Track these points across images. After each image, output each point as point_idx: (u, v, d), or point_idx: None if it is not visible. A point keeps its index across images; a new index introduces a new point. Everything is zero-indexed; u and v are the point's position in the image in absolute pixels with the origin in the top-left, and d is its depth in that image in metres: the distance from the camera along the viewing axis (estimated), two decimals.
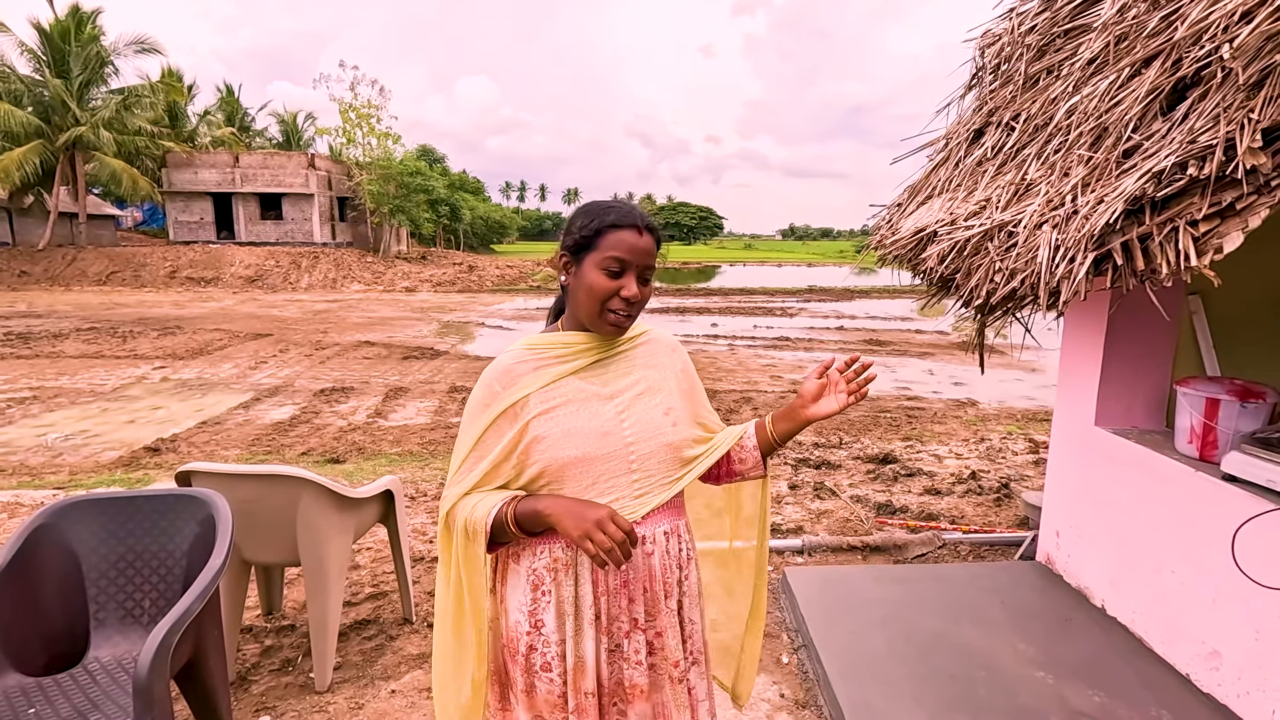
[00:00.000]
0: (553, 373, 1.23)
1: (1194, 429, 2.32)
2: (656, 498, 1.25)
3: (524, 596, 1.24)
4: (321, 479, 2.23)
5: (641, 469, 1.25)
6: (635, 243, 1.19)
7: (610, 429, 1.23)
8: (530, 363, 1.24)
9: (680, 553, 1.32)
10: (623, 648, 1.25)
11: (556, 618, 1.22)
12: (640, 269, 1.20)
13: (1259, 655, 2.01)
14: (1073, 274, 1.86)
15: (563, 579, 1.22)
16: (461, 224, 40.19)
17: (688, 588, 1.34)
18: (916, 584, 2.96)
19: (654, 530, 1.26)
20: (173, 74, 29.18)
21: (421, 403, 7.93)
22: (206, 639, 1.80)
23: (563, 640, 1.22)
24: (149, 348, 11.37)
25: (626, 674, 1.26)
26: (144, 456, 5.85)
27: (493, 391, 1.22)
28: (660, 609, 1.27)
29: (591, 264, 1.19)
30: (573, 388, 1.24)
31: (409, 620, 2.79)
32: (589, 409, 1.23)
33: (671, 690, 1.29)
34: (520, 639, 1.24)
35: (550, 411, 1.21)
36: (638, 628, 1.26)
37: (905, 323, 16.52)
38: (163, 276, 23.35)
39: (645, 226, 1.21)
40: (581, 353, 1.26)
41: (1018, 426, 6.91)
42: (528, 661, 1.23)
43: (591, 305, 1.20)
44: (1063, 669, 2.36)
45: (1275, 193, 1.51)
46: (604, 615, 1.23)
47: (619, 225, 1.19)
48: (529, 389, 1.22)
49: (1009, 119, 2.72)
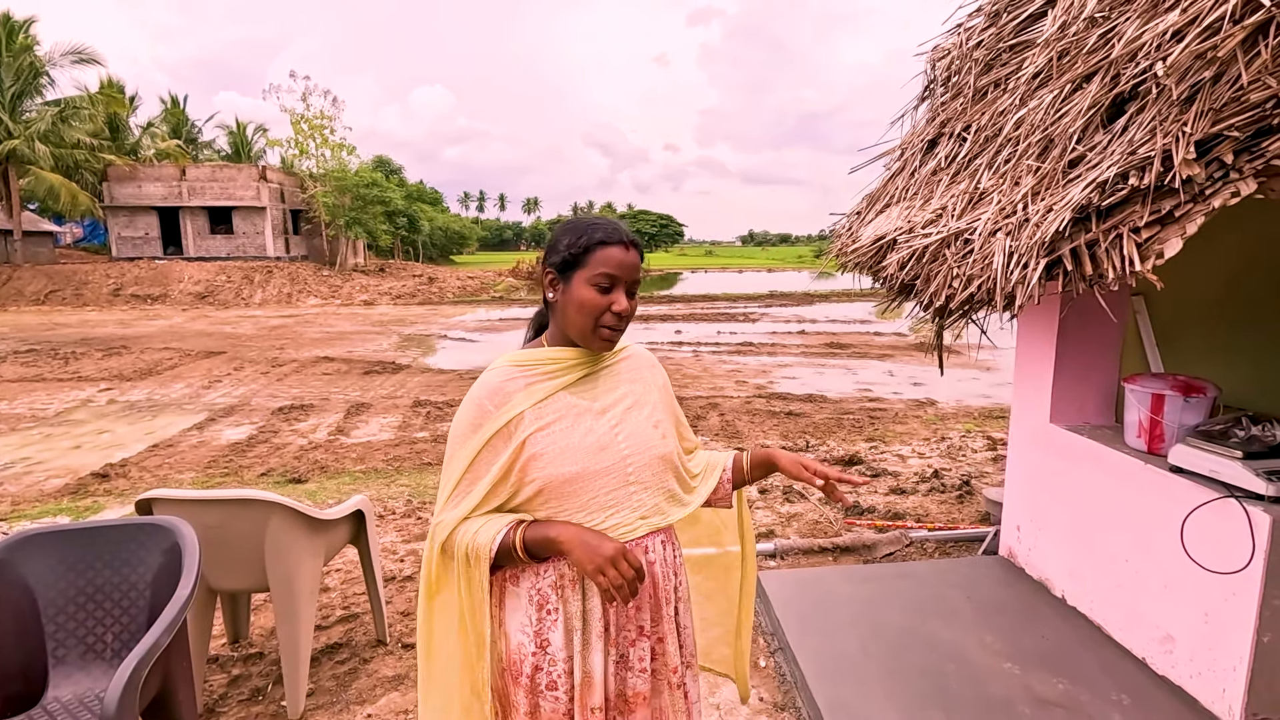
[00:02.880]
0: (544, 389, 1.23)
1: (1142, 424, 2.43)
2: (657, 520, 1.28)
3: (526, 617, 1.23)
4: (290, 502, 2.19)
5: (638, 481, 1.26)
6: (623, 258, 1.21)
7: (606, 443, 1.24)
8: (520, 380, 1.23)
9: (675, 559, 1.35)
10: (628, 656, 1.27)
11: (564, 634, 1.22)
12: (628, 283, 1.23)
13: (1209, 637, 2.12)
14: (1027, 279, 1.95)
15: (569, 595, 1.22)
16: (420, 235, 39.68)
17: (682, 593, 1.37)
18: (886, 582, 3.03)
19: (653, 540, 1.28)
20: (113, 85, 28.16)
21: (385, 418, 7.79)
22: (175, 671, 1.74)
23: (570, 657, 1.22)
24: (93, 369, 10.92)
25: (630, 682, 1.27)
26: (92, 483, 5.61)
27: (484, 411, 1.21)
28: (662, 615, 1.30)
29: (581, 281, 1.21)
30: (565, 403, 1.24)
31: (383, 641, 2.74)
32: (583, 424, 1.24)
33: (670, 695, 1.31)
34: (525, 660, 1.23)
35: (545, 428, 1.21)
36: (643, 635, 1.27)
37: (864, 325, 16.87)
38: (106, 294, 22.44)
39: (630, 242, 1.24)
40: (571, 368, 1.27)
41: (975, 424, 7.13)
42: (532, 682, 1.22)
43: (584, 321, 1.22)
44: (1028, 659, 2.44)
45: (1210, 201, 1.61)
46: (612, 626, 1.25)
47: (607, 242, 1.21)
48: (522, 406, 1.21)
49: (960, 130, 2.83)
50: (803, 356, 12.23)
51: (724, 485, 1.43)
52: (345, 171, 29.28)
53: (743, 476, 1.44)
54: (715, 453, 1.48)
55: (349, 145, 30.03)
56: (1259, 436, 2.05)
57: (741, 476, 1.44)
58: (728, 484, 1.44)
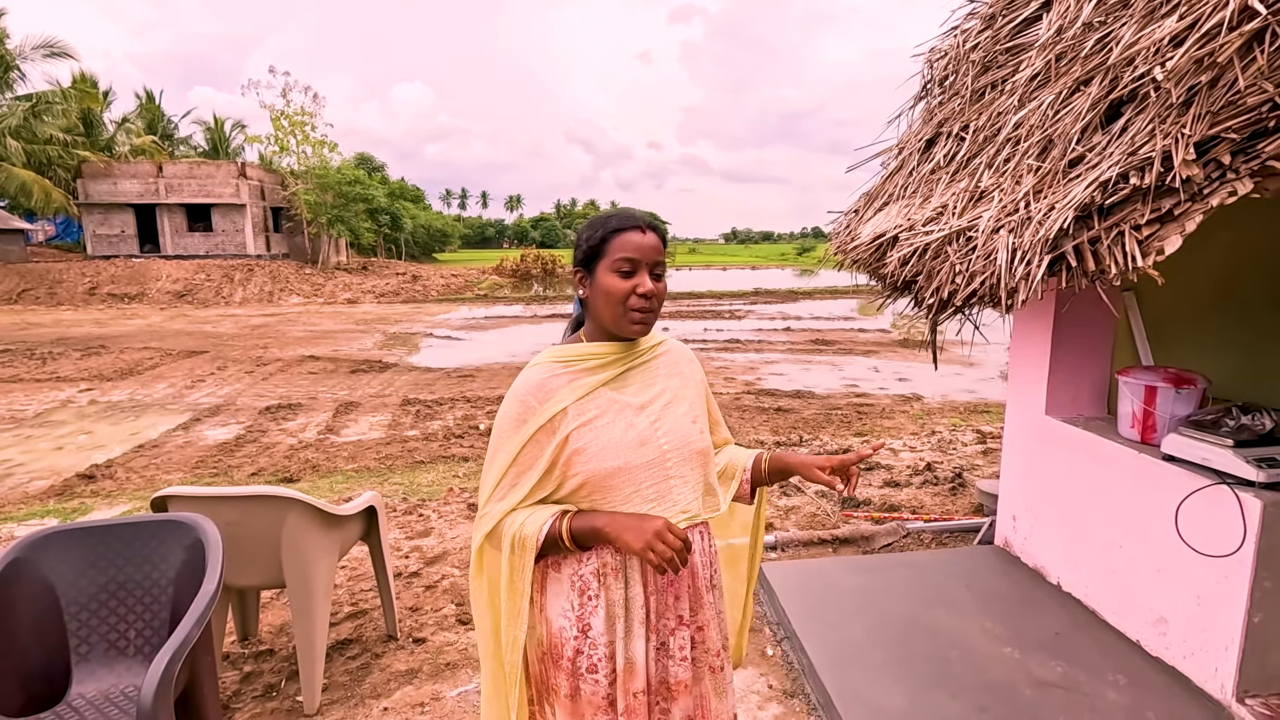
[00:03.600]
0: (586, 384, 1.26)
1: (1135, 415, 2.52)
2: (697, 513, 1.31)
3: (568, 603, 1.26)
4: (308, 498, 2.20)
5: (678, 475, 1.30)
6: (641, 241, 1.25)
7: (647, 438, 1.27)
8: (563, 375, 1.26)
9: (711, 550, 1.39)
10: (668, 645, 1.30)
11: (606, 620, 1.25)
12: (651, 265, 1.26)
13: (1201, 619, 2.21)
14: (1030, 276, 2.02)
15: (611, 583, 1.25)
16: (403, 233, 39.33)
17: (718, 581, 1.41)
18: (886, 572, 3.10)
19: (692, 531, 1.32)
20: (86, 79, 27.54)
21: (374, 417, 7.75)
22: (201, 666, 1.75)
23: (611, 642, 1.25)
24: (72, 369, 10.72)
25: (671, 670, 1.30)
26: (78, 484, 5.54)
27: (528, 406, 1.24)
28: (703, 603, 1.34)
29: (604, 269, 1.25)
30: (606, 399, 1.27)
31: (394, 637, 2.75)
32: (624, 419, 1.27)
33: (712, 680, 1.35)
34: (566, 644, 1.26)
35: (589, 424, 1.24)
36: (682, 624, 1.31)
37: (848, 322, 17.06)
38: (81, 293, 22.00)
39: (648, 226, 1.28)
40: (612, 362, 1.30)
41: (961, 419, 7.26)
42: (573, 665, 1.25)
43: (613, 308, 1.25)
44: (1027, 644, 2.52)
45: (1208, 200, 1.69)
46: (653, 614, 1.28)
47: (622, 228, 1.25)
48: (565, 401, 1.24)
49: (958, 130, 2.90)
50: (789, 353, 12.34)
51: (743, 486, 1.48)
52: (327, 169, 28.93)
53: (761, 479, 1.48)
54: (736, 451, 1.52)
55: (330, 142, 29.70)
56: (1249, 425, 2.14)
57: (760, 478, 1.48)
58: (746, 484, 1.48)
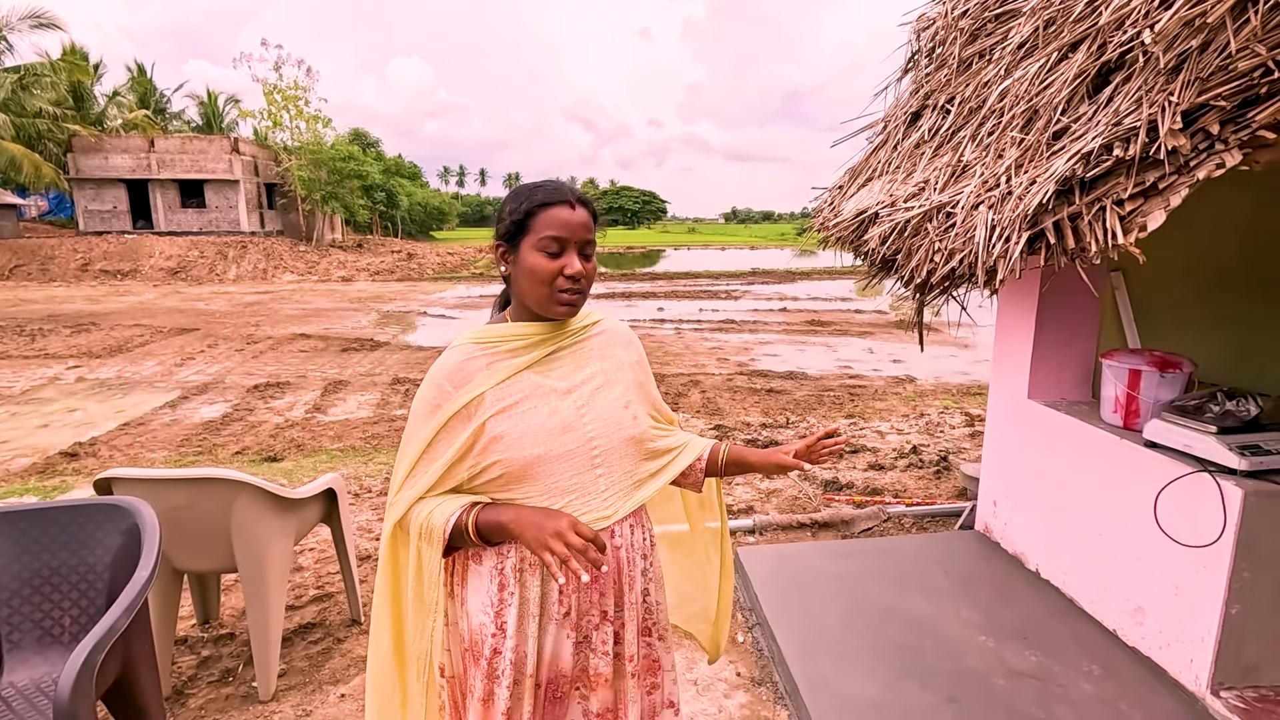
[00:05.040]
0: (507, 367, 1.18)
1: (1118, 399, 2.44)
2: (624, 505, 1.24)
3: (488, 597, 1.20)
4: (257, 480, 2.13)
5: (605, 464, 1.22)
6: (569, 218, 1.15)
7: (571, 425, 1.19)
8: (481, 359, 1.18)
9: (644, 542, 1.32)
10: (591, 639, 1.24)
11: (517, 619, 1.18)
12: (580, 244, 1.17)
13: (1178, 609, 2.15)
14: (1008, 253, 1.92)
15: (529, 579, 1.19)
16: (399, 211, 38.96)
17: (653, 574, 1.34)
18: (864, 557, 3.05)
19: (620, 524, 1.25)
20: (76, 51, 27.07)
21: (363, 396, 7.69)
22: (136, 654, 1.69)
23: (520, 646, 1.19)
24: (61, 346, 10.64)
25: (592, 663, 1.25)
26: (60, 463, 5.48)
27: (443, 391, 1.16)
28: (625, 601, 1.27)
29: (529, 247, 1.15)
30: (529, 383, 1.19)
31: (357, 621, 2.70)
32: (547, 405, 1.19)
33: (629, 681, 1.28)
34: (485, 641, 1.20)
35: (508, 410, 1.16)
36: (606, 619, 1.25)
37: (845, 303, 16.94)
38: (74, 270, 21.84)
39: (577, 200, 1.18)
40: (535, 344, 1.21)
41: (953, 401, 7.19)
42: (490, 666, 1.19)
43: (538, 290, 1.16)
44: (1003, 632, 2.47)
45: (1194, 173, 1.59)
46: (574, 611, 1.22)
47: (549, 203, 1.15)
48: (483, 386, 1.16)
49: (944, 102, 2.79)
50: (784, 334, 12.25)
51: (696, 472, 1.40)
52: (321, 144, 28.55)
53: (716, 469, 1.40)
54: (694, 438, 1.43)
55: (324, 117, 29.26)
56: (1233, 411, 2.06)
57: (715, 469, 1.40)
58: (700, 471, 1.40)
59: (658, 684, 1.36)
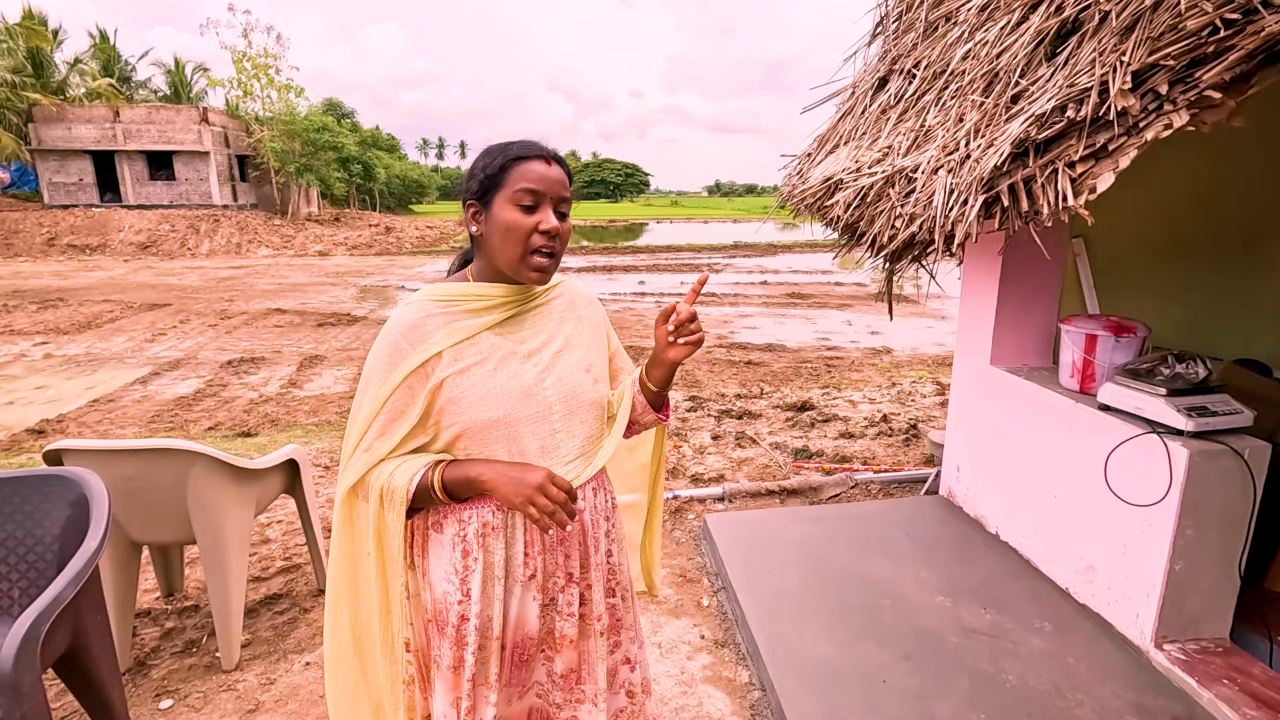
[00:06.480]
0: (467, 327, 1.15)
1: (1075, 364, 2.47)
2: (585, 469, 1.23)
3: (450, 566, 1.18)
4: (213, 451, 2.10)
5: (565, 429, 1.21)
6: (545, 172, 1.12)
7: (531, 388, 1.17)
8: (440, 316, 1.14)
9: (606, 504, 1.32)
10: (556, 601, 1.24)
11: (482, 583, 1.17)
12: (555, 200, 1.13)
13: (1126, 566, 2.21)
14: (965, 216, 1.92)
15: (492, 543, 1.18)
16: (376, 184, 38.23)
17: (615, 535, 1.34)
18: (829, 523, 3.09)
19: (583, 488, 1.25)
20: (33, 16, 26.04)
21: (339, 370, 7.63)
22: (87, 625, 1.68)
23: (485, 610, 1.18)
24: (27, 322, 10.40)
25: (558, 625, 1.25)
26: (26, 440, 5.39)
27: (399, 349, 1.13)
28: (590, 562, 1.27)
29: (502, 201, 1.11)
30: (488, 344, 1.16)
31: (323, 591, 2.70)
32: (507, 368, 1.16)
33: (595, 641, 1.29)
34: (450, 609, 1.18)
35: (465, 370, 1.14)
36: (571, 581, 1.25)
37: (826, 276, 16.97)
38: (39, 244, 21.27)
39: (553, 158, 1.15)
40: (497, 305, 1.18)
41: (928, 371, 7.27)
42: (458, 633, 1.18)
43: (511, 248, 1.12)
44: (960, 592, 2.52)
45: (1143, 134, 1.59)
46: (540, 573, 1.21)
47: (525, 157, 1.12)
48: (441, 345, 1.13)
49: (910, 67, 2.76)
50: (764, 306, 12.27)
51: (638, 405, 1.33)
52: (294, 115, 27.83)
53: (648, 387, 1.31)
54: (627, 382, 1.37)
55: (297, 87, 28.48)
56: (1182, 374, 2.09)
57: (647, 388, 1.32)
58: (641, 399, 1.33)
59: (619, 642, 1.37)
